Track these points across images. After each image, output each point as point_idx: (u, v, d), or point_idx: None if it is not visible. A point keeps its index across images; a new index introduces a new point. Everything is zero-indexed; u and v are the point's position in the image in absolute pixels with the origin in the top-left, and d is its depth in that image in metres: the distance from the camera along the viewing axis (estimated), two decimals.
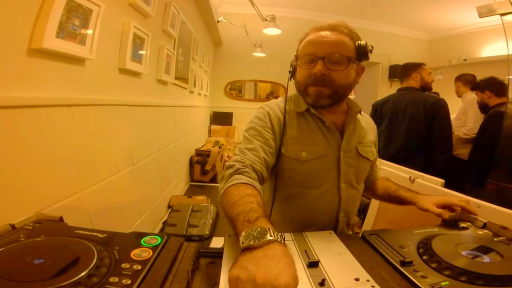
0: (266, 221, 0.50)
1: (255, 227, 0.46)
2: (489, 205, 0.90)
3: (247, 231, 0.46)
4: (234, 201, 0.57)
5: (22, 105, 0.77)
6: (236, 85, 4.63)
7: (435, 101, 1.80)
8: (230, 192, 0.61)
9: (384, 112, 1.99)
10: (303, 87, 0.80)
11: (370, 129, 0.94)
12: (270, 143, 0.78)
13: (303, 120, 0.83)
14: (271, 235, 0.44)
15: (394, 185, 0.93)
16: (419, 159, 1.82)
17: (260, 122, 0.81)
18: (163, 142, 2.07)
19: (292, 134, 0.81)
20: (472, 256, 0.55)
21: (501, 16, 1.79)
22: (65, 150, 0.96)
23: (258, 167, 0.72)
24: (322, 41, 0.76)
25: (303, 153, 0.80)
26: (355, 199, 0.88)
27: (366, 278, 0.48)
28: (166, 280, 0.45)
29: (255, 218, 0.50)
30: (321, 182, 0.81)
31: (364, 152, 0.87)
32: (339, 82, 0.77)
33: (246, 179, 0.65)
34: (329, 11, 4.09)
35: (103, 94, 1.20)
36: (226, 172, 0.69)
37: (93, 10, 1.01)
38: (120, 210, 1.39)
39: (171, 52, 2.01)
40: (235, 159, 0.73)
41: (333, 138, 0.83)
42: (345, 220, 0.85)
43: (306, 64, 0.78)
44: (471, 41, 4.20)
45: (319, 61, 0.75)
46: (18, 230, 0.55)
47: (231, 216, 0.54)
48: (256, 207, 0.54)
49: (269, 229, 0.45)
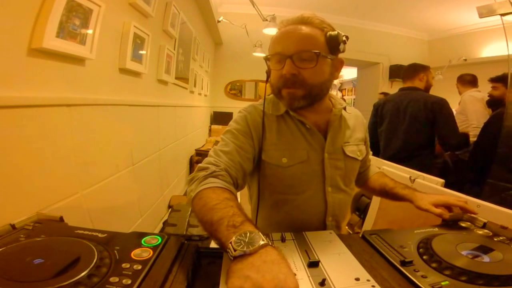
0: (252, 225, 0.47)
1: (243, 232, 0.44)
2: (489, 205, 0.89)
3: (237, 237, 0.43)
4: (213, 205, 0.53)
5: (22, 105, 0.77)
6: (236, 85, 4.63)
7: (435, 100, 1.79)
8: (206, 195, 0.57)
9: (385, 111, 1.99)
10: (276, 90, 0.74)
11: (358, 125, 0.88)
12: (247, 147, 0.73)
13: (283, 123, 0.78)
14: (262, 240, 0.43)
15: (391, 181, 0.90)
16: (420, 158, 1.82)
17: (237, 126, 0.76)
18: (163, 142, 2.07)
19: (272, 139, 0.76)
20: (472, 256, 0.55)
21: (501, 16, 1.79)
22: (65, 150, 0.96)
23: (233, 172, 0.68)
24: (288, 38, 0.70)
25: (283, 159, 0.75)
26: (344, 202, 0.83)
27: (367, 278, 0.48)
28: (167, 280, 0.45)
29: (240, 223, 0.47)
30: (304, 188, 0.77)
31: (351, 152, 0.82)
32: (311, 82, 0.70)
33: (222, 183, 0.61)
34: (329, 11, 4.09)
35: (103, 94, 1.20)
36: (199, 174, 0.64)
37: (93, 10, 1.01)
38: (121, 210, 1.39)
39: (172, 52, 2.01)
40: (208, 161, 0.69)
41: (316, 140, 0.78)
42: (334, 224, 0.82)
43: (276, 64, 0.71)
44: (471, 41, 4.20)
45: (287, 60, 0.68)
46: (18, 230, 0.55)
47: (211, 221, 0.50)
48: (238, 212, 0.51)
49: (258, 232, 0.44)
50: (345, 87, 8.99)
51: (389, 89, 4.71)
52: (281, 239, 0.61)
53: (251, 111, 0.78)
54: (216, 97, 4.48)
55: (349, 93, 8.69)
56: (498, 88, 2.23)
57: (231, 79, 4.55)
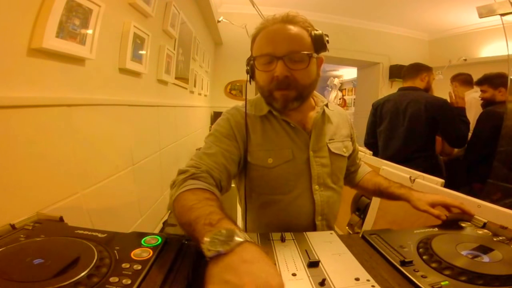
0: (230, 222, 0.44)
1: (219, 230, 0.40)
2: (489, 205, 0.89)
3: (210, 235, 0.39)
4: (191, 205, 0.50)
5: (22, 105, 0.77)
6: (236, 85, 4.63)
7: (436, 101, 1.79)
8: (185, 197, 0.54)
9: (385, 112, 1.98)
10: (267, 92, 0.73)
11: (342, 122, 0.88)
12: (232, 149, 0.72)
13: (267, 124, 0.77)
14: (239, 236, 0.39)
15: (385, 180, 0.89)
16: (420, 160, 1.81)
17: (220, 129, 0.75)
18: (163, 142, 2.07)
19: (256, 140, 0.75)
20: (472, 256, 0.55)
21: (501, 16, 1.79)
22: (65, 150, 0.95)
23: (216, 174, 0.66)
24: (279, 38, 0.68)
25: (269, 159, 0.74)
26: (332, 200, 0.82)
27: (366, 278, 0.48)
28: (167, 280, 0.45)
29: (217, 221, 0.44)
30: (291, 187, 0.76)
31: (337, 149, 0.82)
32: (303, 83, 0.70)
33: (203, 184, 0.59)
34: (329, 11, 4.10)
35: (103, 94, 1.20)
36: (179, 178, 0.62)
37: (93, 10, 1.01)
38: (120, 210, 1.39)
39: (172, 52, 2.01)
40: (189, 164, 0.67)
41: (301, 138, 0.77)
42: (324, 223, 0.81)
43: (265, 65, 0.69)
44: (471, 41, 4.20)
45: (279, 62, 0.67)
46: (18, 230, 0.55)
47: (188, 221, 0.47)
48: (216, 210, 0.48)
49: (234, 229, 0.40)
50: (345, 87, 8.99)
51: (389, 89, 4.72)
52: (281, 239, 0.62)
53: (233, 113, 0.78)
54: (216, 97, 4.48)
55: (349, 93, 8.69)
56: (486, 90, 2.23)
57: (231, 79, 4.55)
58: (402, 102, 1.88)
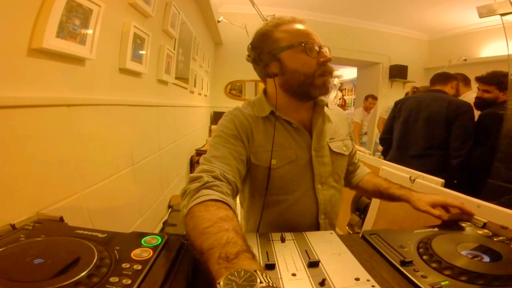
0: (250, 256, 0.40)
1: (237, 269, 0.36)
2: (489, 205, 0.89)
3: (227, 277, 0.35)
4: (204, 228, 0.46)
5: (22, 105, 0.77)
6: (236, 85, 4.63)
7: (460, 103, 1.76)
8: (198, 213, 0.50)
9: (405, 106, 1.97)
10: (310, 78, 0.71)
11: (341, 121, 0.89)
12: (240, 149, 0.72)
13: (270, 125, 0.77)
14: (260, 280, 0.34)
15: (384, 182, 0.89)
16: (432, 158, 1.78)
17: (226, 130, 0.74)
18: (163, 142, 2.07)
19: (260, 142, 0.75)
20: (472, 256, 0.55)
21: (501, 16, 1.79)
22: (65, 150, 0.96)
23: (231, 176, 0.64)
24: (311, 30, 0.74)
25: (272, 161, 0.74)
26: (335, 199, 0.83)
27: (366, 278, 0.48)
28: (167, 280, 0.45)
29: (235, 255, 0.39)
30: (295, 187, 0.77)
31: (337, 147, 0.83)
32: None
33: (217, 194, 0.55)
34: (329, 11, 4.10)
35: (103, 94, 1.20)
36: (191, 186, 0.57)
37: (93, 10, 1.01)
38: (121, 210, 1.39)
39: (172, 52, 2.01)
40: (201, 169, 0.63)
41: (303, 138, 0.78)
42: (327, 221, 0.81)
43: (308, 52, 0.70)
44: (471, 41, 4.20)
45: (326, 48, 0.73)
46: (18, 230, 0.55)
47: (200, 248, 0.43)
48: (233, 236, 0.43)
49: (256, 271, 0.35)
50: (345, 87, 8.99)
51: (389, 89, 4.72)
52: (281, 239, 0.62)
53: (236, 114, 0.78)
54: (216, 97, 4.48)
55: (349, 93, 8.69)
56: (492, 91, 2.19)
57: (231, 79, 4.55)
58: (425, 99, 1.86)
